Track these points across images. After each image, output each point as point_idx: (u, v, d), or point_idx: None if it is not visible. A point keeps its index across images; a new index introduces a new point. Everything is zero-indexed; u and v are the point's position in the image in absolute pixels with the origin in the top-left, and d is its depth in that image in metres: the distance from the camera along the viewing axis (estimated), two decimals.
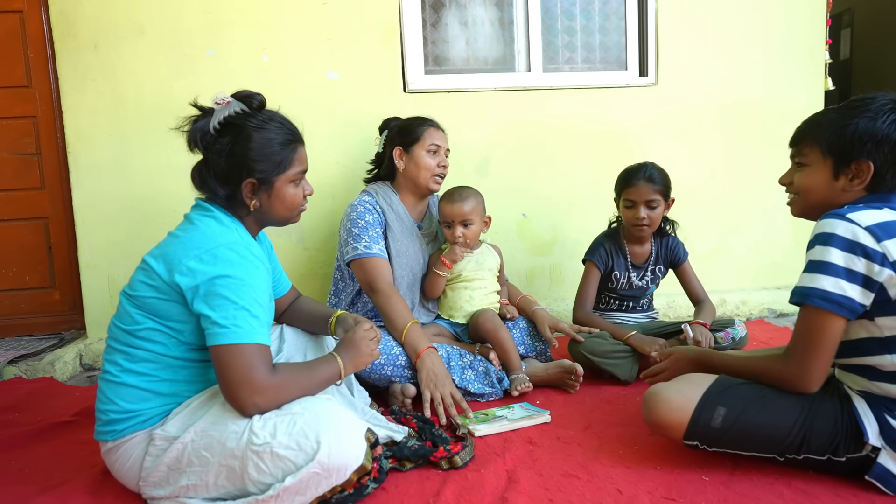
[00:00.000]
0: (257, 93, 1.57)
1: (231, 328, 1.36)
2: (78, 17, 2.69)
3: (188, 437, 1.39)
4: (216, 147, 1.51)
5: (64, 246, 2.91)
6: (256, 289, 1.42)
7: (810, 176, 1.52)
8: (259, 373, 1.36)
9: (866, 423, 1.39)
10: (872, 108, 1.43)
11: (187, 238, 1.46)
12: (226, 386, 1.37)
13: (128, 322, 1.46)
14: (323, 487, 1.34)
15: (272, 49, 2.79)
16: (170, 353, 1.46)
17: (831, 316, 1.37)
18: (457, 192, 2.29)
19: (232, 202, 1.55)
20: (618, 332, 2.29)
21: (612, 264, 2.42)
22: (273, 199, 1.57)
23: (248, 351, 1.37)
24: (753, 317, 3.16)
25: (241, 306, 1.38)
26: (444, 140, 2.36)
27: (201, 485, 1.38)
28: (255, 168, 1.52)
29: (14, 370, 2.53)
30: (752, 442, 1.48)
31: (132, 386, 1.44)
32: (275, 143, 1.54)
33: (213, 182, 1.53)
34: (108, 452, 1.48)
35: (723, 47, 3.11)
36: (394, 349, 2.06)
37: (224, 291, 1.38)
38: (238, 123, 1.51)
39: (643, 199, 2.30)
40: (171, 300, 1.42)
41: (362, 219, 2.23)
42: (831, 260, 1.36)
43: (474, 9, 3.07)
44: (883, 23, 5.17)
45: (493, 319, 2.23)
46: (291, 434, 1.33)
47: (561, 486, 1.51)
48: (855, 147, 1.43)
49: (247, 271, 1.41)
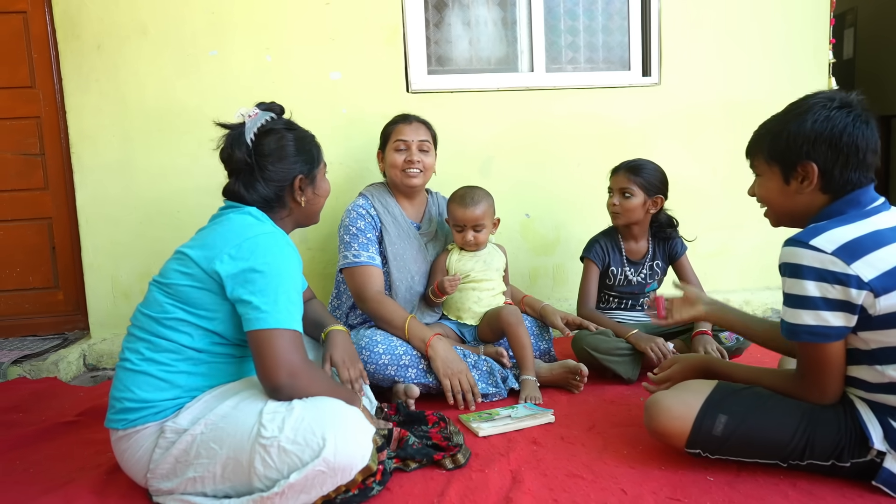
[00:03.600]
0: (277, 103, 1.71)
1: (272, 313, 1.42)
2: (81, 18, 2.69)
3: (197, 430, 1.40)
4: (260, 152, 1.60)
5: (67, 246, 2.91)
6: (293, 278, 1.49)
7: (764, 185, 1.54)
8: (296, 356, 1.43)
9: (871, 427, 1.38)
10: (803, 108, 1.42)
11: (226, 230, 1.52)
12: (264, 367, 1.41)
13: (156, 310, 1.48)
14: (328, 486, 1.34)
15: (275, 49, 2.80)
16: (193, 346, 1.47)
17: (824, 345, 1.38)
18: (468, 195, 2.27)
19: (272, 204, 1.63)
20: (620, 330, 2.29)
21: (609, 260, 2.44)
22: (316, 193, 1.71)
23: (287, 335, 1.43)
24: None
25: (280, 293, 1.44)
26: (417, 133, 2.32)
27: (208, 476, 1.39)
28: (303, 164, 1.64)
29: (18, 370, 2.53)
30: (754, 449, 1.48)
31: (150, 375, 1.45)
32: (308, 141, 1.69)
33: (263, 186, 1.60)
34: (119, 441, 1.48)
35: (726, 47, 3.10)
36: (397, 349, 2.06)
37: (264, 279, 1.43)
38: (273, 128, 1.63)
39: (618, 187, 2.37)
40: (205, 289, 1.46)
41: (353, 225, 2.24)
42: (806, 293, 1.35)
43: (477, 9, 3.06)
44: (886, 22, 5.16)
45: (516, 314, 2.22)
46: (299, 430, 1.34)
47: (565, 486, 1.51)
48: (793, 150, 1.43)
49: (285, 260, 1.48)
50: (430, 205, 2.47)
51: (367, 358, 2.04)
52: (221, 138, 1.64)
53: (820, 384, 1.42)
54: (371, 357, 2.04)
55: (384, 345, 2.07)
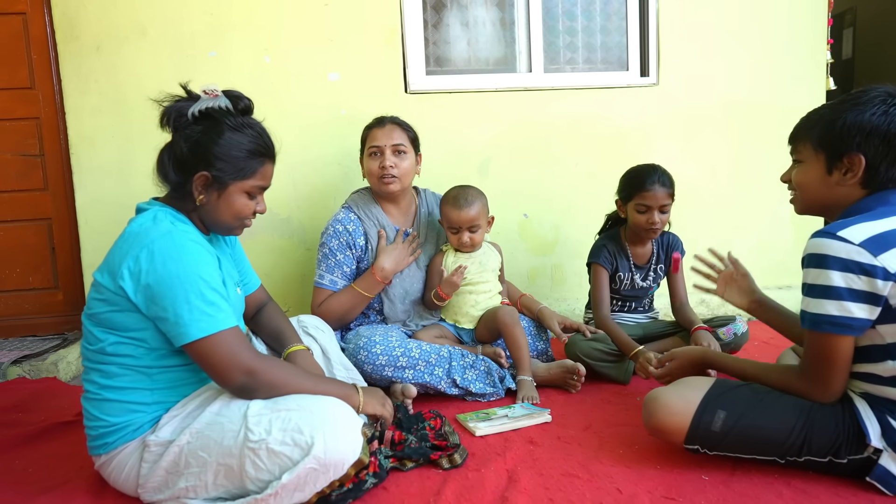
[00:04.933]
0: (248, 97, 1.57)
1: (191, 324, 1.35)
2: (80, 19, 2.70)
3: (184, 440, 1.39)
4: (187, 132, 1.50)
5: (67, 247, 2.92)
6: (203, 274, 1.38)
7: (805, 172, 1.52)
8: (242, 355, 1.38)
9: (868, 424, 1.39)
10: (862, 100, 1.42)
11: (121, 241, 1.45)
12: (215, 376, 1.39)
13: (93, 342, 1.45)
14: (321, 483, 1.34)
15: (274, 50, 2.80)
16: (142, 364, 1.45)
17: (842, 337, 1.38)
18: (462, 196, 2.25)
19: (181, 193, 1.53)
20: (627, 347, 2.21)
21: (617, 265, 2.41)
22: (220, 202, 1.53)
23: (220, 338, 1.37)
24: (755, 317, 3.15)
25: (191, 299, 1.35)
26: (390, 136, 2.26)
27: (200, 485, 1.39)
28: (215, 164, 1.49)
29: (17, 370, 2.54)
30: (752, 445, 1.48)
31: (114, 400, 1.44)
32: (244, 148, 1.51)
33: (169, 166, 1.51)
34: (103, 466, 1.49)
35: (724, 47, 3.11)
36: (395, 351, 2.07)
37: (168, 290, 1.35)
38: (216, 118, 1.50)
39: (658, 205, 2.26)
40: (124, 310, 1.41)
41: (327, 244, 2.26)
42: (831, 283, 1.35)
43: (475, 9, 3.07)
44: (885, 22, 5.16)
45: (513, 314, 2.22)
46: (286, 430, 1.33)
47: (561, 486, 1.52)
48: (844, 140, 1.42)
49: (187, 258, 1.38)
50: (419, 205, 2.43)
51: (365, 358, 2.05)
52: (169, 97, 1.54)
53: (825, 381, 1.42)
54: (368, 357, 2.05)
55: (382, 345, 2.07)
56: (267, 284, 2.88)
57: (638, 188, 2.30)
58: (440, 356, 2.10)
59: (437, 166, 2.48)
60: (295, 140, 2.79)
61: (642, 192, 2.28)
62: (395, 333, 2.18)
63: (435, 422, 1.82)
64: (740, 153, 3.16)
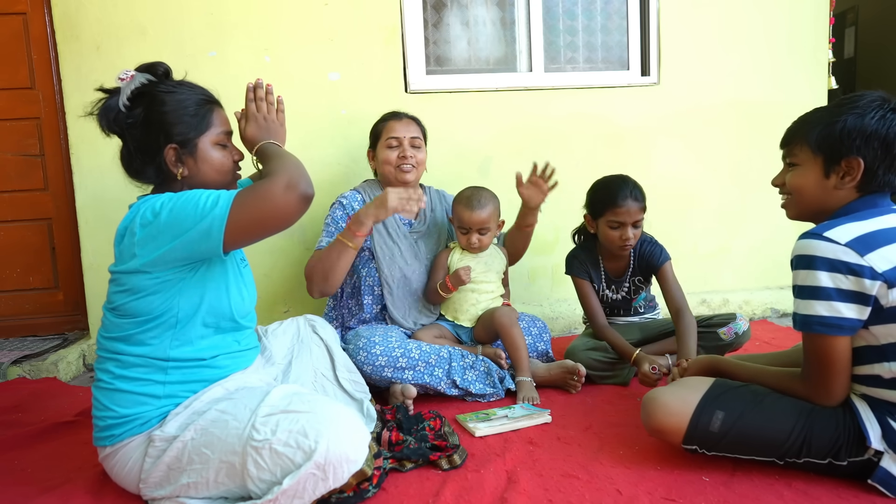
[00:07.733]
0: (160, 62, 1.55)
1: (214, 207, 1.34)
2: (80, 19, 2.70)
3: (188, 436, 1.40)
4: (130, 121, 1.48)
5: (67, 247, 2.92)
6: (195, 193, 1.39)
7: (801, 175, 1.51)
8: (271, 188, 1.35)
9: (868, 426, 1.38)
10: (860, 104, 1.42)
11: (123, 221, 1.47)
12: (261, 217, 1.36)
13: (114, 331, 1.47)
14: (320, 490, 1.34)
15: (274, 50, 2.80)
16: (159, 356, 1.46)
17: (835, 338, 1.38)
18: (475, 198, 2.25)
19: (161, 178, 1.52)
20: (625, 352, 2.20)
21: (591, 276, 2.35)
22: (200, 164, 1.52)
23: (241, 198, 1.35)
24: (756, 316, 3.15)
25: (204, 197, 1.36)
26: (408, 129, 2.35)
27: (202, 482, 1.39)
28: (173, 131, 1.47)
29: (18, 370, 2.54)
30: (751, 446, 1.48)
31: (126, 391, 1.45)
32: (188, 104, 1.50)
33: (136, 159, 1.50)
34: (107, 458, 1.49)
35: (725, 47, 3.10)
36: (394, 351, 2.07)
37: (174, 211, 1.36)
38: (147, 92, 1.48)
39: (632, 220, 2.17)
40: (146, 294, 1.42)
41: (331, 215, 2.32)
42: (819, 283, 1.36)
43: (476, 9, 3.06)
44: (887, 21, 5.15)
45: (511, 315, 2.22)
46: (292, 432, 1.33)
47: (561, 487, 1.51)
48: (844, 143, 1.42)
49: (190, 192, 1.40)
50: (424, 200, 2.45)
51: (364, 359, 2.05)
52: (92, 105, 1.50)
53: (826, 384, 1.42)
54: (368, 358, 2.05)
55: (381, 346, 2.07)
56: (267, 284, 2.90)
57: (609, 203, 2.20)
58: (440, 357, 2.10)
59: (437, 166, 2.48)
60: (295, 140, 2.76)
61: (614, 209, 2.18)
62: (395, 334, 2.18)
63: (434, 422, 1.82)
64: (741, 153, 3.15)
